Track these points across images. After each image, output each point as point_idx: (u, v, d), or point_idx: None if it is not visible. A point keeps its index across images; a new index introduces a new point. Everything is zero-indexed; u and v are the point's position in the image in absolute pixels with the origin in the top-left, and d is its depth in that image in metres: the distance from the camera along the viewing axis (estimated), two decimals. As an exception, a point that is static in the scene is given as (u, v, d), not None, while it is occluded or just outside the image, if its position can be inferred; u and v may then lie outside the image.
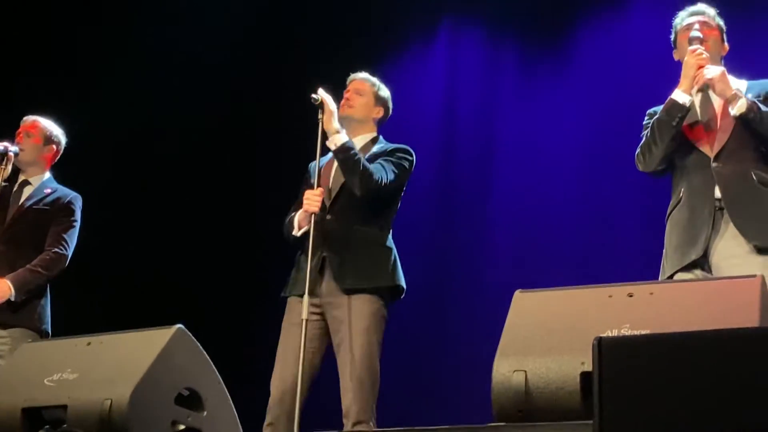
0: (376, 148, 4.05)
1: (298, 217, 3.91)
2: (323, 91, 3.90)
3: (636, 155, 3.62)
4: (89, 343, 3.22)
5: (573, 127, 5.72)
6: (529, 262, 5.54)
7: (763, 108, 3.42)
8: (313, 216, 3.79)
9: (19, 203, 4.51)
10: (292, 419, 3.58)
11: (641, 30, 5.52)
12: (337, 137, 3.85)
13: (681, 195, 3.52)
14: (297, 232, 3.90)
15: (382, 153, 4.00)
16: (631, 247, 5.24)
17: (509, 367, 2.49)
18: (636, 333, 2.42)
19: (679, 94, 3.49)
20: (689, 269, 3.41)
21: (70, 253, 4.47)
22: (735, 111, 3.43)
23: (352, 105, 4.07)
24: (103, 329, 3.37)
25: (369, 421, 3.72)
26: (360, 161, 3.83)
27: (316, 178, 3.90)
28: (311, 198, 3.81)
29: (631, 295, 2.58)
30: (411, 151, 4.06)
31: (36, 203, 4.51)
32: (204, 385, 3.15)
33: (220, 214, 6.34)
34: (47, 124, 4.66)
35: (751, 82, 3.63)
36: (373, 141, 4.10)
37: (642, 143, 3.61)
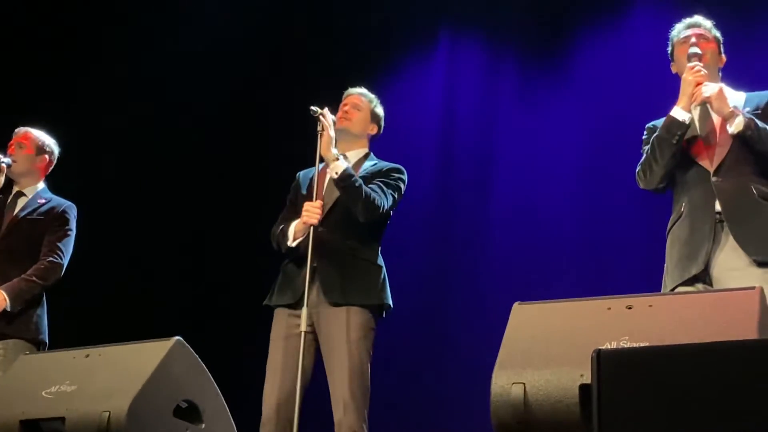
0: (369, 164, 4.03)
1: (294, 227, 3.89)
2: (328, 114, 3.87)
3: (636, 173, 3.61)
4: (87, 355, 3.23)
5: (572, 139, 5.71)
6: (528, 274, 5.53)
7: (761, 124, 3.40)
8: (312, 228, 3.77)
9: (13, 214, 4.50)
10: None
11: (639, 41, 5.52)
12: (338, 165, 3.82)
13: (682, 210, 3.51)
14: (292, 242, 3.88)
15: (377, 173, 3.99)
16: (631, 259, 5.23)
17: (508, 380, 2.49)
18: (635, 345, 2.42)
19: (678, 111, 3.48)
20: (690, 284, 3.39)
21: (65, 262, 4.45)
22: (732, 129, 3.42)
23: (349, 119, 4.06)
24: (102, 341, 3.37)
25: (362, 433, 3.71)
26: (362, 189, 3.82)
27: (315, 189, 3.89)
28: (311, 210, 3.80)
29: (630, 308, 2.58)
30: (404, 171, 4.06)
31: (30, 213, 4.49)
32: (202, 397, 3.15)
33: (220, 223, 6.32)
34: (39, 134, 4.64)
35: (750, 93, 3.61)
36: (365, 156, 4.09)
37: (642, 161, 3.59)
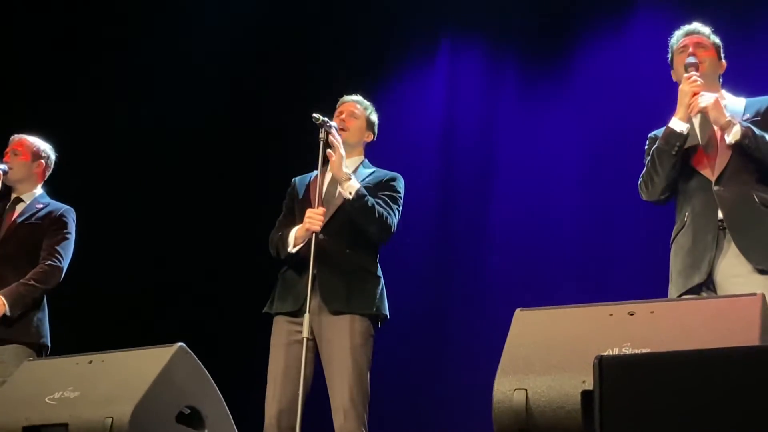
0: (366, 172, 4.02)
1: (295, 233, 3.88)
2: (336, 133, 3.87)
3: (639, 185, 3.61)
4: (91, 362, 3.23)
5: (573, 144, 5.71)
6: (530, 279, 5.53)
7: (758, 132, 3.40)
8: (314, 236, 3.77)
9: (12, 220, 4.51)
10: None
11: (640, 47, 5.52)
12: (350, 185, 3.82)
13: (685, 219, 3.51)
14: (293, 249, 3.88)
15: (377, 183, 3.98)
16: (633, 265, 5.23)
17: (510, 386, 2.49)
18: (637, 352, 2.42)
19: (676, 122, 3.48)
20: (695, 293, 3.39)
21: (65, 266, 4.45)
22: (730, 139, 3.41)
23: (347, 128, 4.05)
24: (105, 347, 3.37)
25: (362, 439, 3.72)
26: (375, 209, 3.83)
27: (315, 195, 3.88)
28: (314, 217, 3.79)
29: (632, 314, 2.58)
30: (401, 179, 4.06)
31: (28, 219, 4.50)
32: (205, 404, 3.15)
33: (221, 228, 6.32)
34: (34, 140, 4.65)
35: (750, 99, 3.61)
36: (360, 164, 4.08)
37: (643, 173, 3.59)
